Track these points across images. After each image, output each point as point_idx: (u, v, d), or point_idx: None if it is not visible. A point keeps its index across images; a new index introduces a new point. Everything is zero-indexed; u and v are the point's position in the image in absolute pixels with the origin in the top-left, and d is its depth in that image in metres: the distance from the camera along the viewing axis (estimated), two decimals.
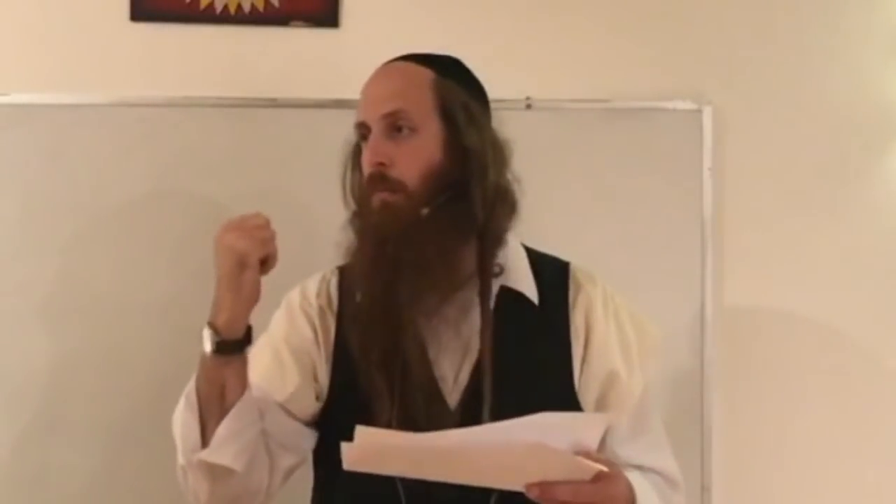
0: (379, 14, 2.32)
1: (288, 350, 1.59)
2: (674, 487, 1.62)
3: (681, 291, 2.30)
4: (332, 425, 1.56)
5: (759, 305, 2.36)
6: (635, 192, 2.30)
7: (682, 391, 2.27)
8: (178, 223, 2.24)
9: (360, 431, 1.27)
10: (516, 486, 1.34)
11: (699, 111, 2.32)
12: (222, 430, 1.45)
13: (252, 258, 1.44)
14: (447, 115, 1.54)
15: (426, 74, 1.57)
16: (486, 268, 1.54)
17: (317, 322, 1.60)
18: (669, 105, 2.32)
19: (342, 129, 1.62)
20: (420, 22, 2.32)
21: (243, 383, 1.47)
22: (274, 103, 2.27)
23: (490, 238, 1.54)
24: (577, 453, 1.32)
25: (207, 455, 1.45)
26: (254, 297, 1.46)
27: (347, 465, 1.31)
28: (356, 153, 1.60)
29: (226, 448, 1.45)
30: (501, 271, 1.56)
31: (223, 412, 1.45)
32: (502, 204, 1.55)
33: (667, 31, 2.36)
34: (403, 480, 1.44)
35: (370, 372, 1.48)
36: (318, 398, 1.58)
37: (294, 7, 2.31)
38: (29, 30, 2.29)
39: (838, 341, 2.36)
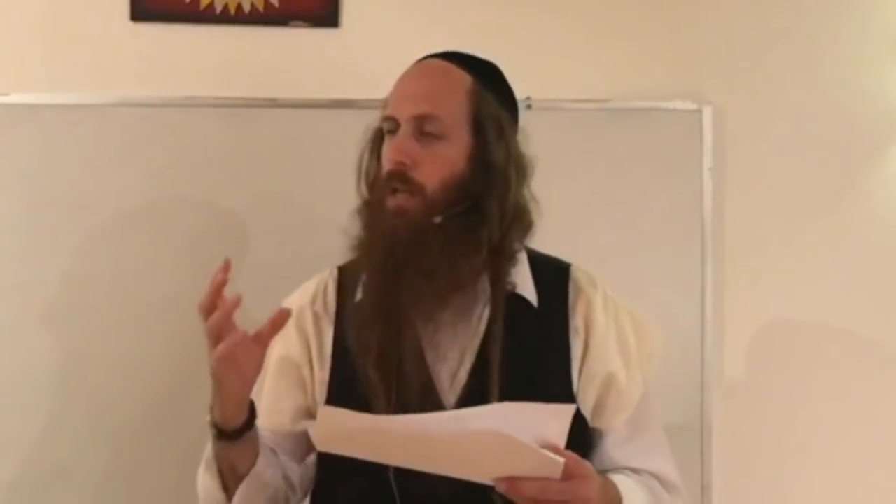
0: (379, 14, 2.32)
1: (281, 372, 1.59)
2: (672, 491, 1.59)
3: (681, 291, 2.30)
4: None
5: (760, 305, 2.36)
6: (635, 192, 2.30)
7: (682, 391, 2.27)
8: (179, 223, 2.24)
9: (324, 411, 1.30)
10: (484, 478, 1.32)
11: (699, 111, 2.32)
12: (237, 499, 1.49)
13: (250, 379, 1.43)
14: (478, 127, 1.51)
15: (465, 80, 1.54)
16: (500, 286, 1.52)
17: (311, 330, 1.59)
18: (669, 105, 2.32)
19: (342, 129, 1.61)
20: (420, 22, 2.32)
21: (253, 453, 1.48)
22: (274, 103, 2.27)
23: (504, 256, 1.53)
24: (542, 447, 1.28)
25: None
26: (248, 395, 1.44)
27: (318, 445, 1.34)
28: (376, 139, 1.57)
29: None
30: (514, 289, 1.54)
31: (239, 478, 1.48)
32: (518, 223, 1.54)
33: (667, 31, 2.36)
34: (398, 482, 1.44)
35: (367, 370, 1.48)
36: (313, 415, 1.57)
37: (294, 7, 2.30)
38: (29, 30, 2.29)
39: (839, 341, 2.36)
